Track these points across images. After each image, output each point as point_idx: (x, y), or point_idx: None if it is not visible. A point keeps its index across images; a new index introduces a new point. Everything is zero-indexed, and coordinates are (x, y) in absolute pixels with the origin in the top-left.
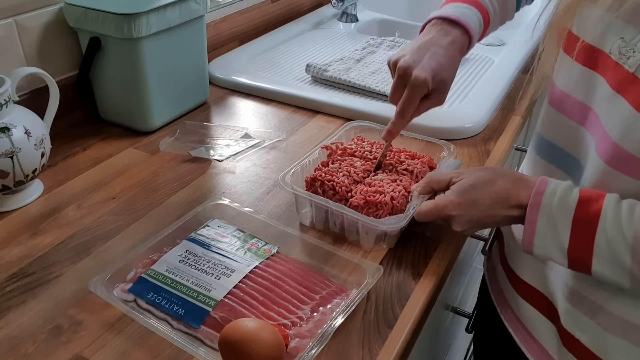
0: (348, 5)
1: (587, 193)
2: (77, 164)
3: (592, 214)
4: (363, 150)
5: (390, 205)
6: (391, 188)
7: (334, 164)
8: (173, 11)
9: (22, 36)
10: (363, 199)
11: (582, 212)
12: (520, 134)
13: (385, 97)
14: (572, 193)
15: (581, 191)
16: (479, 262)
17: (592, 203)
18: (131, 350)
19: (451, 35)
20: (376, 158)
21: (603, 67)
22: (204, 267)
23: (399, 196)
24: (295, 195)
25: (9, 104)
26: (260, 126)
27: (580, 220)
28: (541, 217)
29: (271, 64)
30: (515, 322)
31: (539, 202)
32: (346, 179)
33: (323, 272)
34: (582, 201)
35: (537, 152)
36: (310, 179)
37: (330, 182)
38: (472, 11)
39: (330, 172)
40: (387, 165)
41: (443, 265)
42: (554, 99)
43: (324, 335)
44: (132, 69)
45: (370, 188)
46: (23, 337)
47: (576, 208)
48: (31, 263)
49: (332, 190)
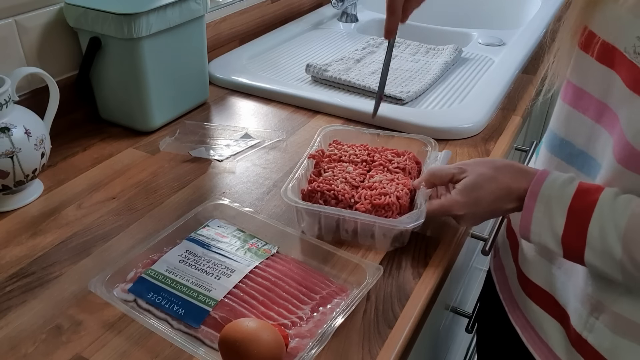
0: (348, 5)
1: (586, 185)
2: (77, 164)
3: (588, 204)
4: (348, 154)
5: (397, 205)
6: (393, 188)
7: (326, 172)
8: (173, 11)
9: (22, 36)
10: (369, 203)
11: (578, 202)
12: (520, 134)
13: (384, 97)
14: (572, 184)
15: (581, 183)
16: (479, 262)
17: (590, 194)
18: (131, 350)
19: None
20: (364, 161)
21: (619, 65)
22: (204, 267)
23: (403, 195)
24: (297, 209)
25: (9, 104)
26: (260, 126)
27: (576, 210)
28: (539, 205)
29: (271, 64)
30: (523, 321)
31: (538, 190)
32: (346, 186)
33: (323, 272)
34: (580, 191)
35: (550, 150)
36: (308, 191)
37: (331, 191)
38: None
39: (327, 181)
40: (378, 165)
41: (443, 265)
42: (568, 96)
43: (324, 335)
44: (132, 69)
45: (374, 191)
46: (23, 337)
47: (573, 197)
48: (31, 263)
49: (334, 199)
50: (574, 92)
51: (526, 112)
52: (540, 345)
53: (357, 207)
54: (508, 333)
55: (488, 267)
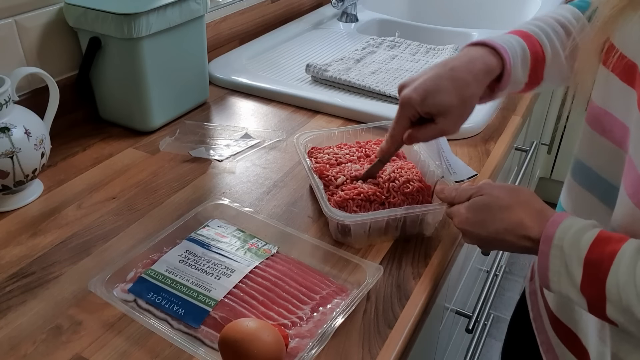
0: (348, 5)
1: (607, 233)
2: (77, 164)
3: (607, 256)
4: (337, 155)
5: (424, 188)
6: (406, 173)
7: (337, 179)
8: (173, 11)
9: (22, 36)
10: (401, 194)
11: (596, 252)
12: (520, 134)
13: (385, 97)
14: (590, 231)
15: (602, 231)
16: (479, 262)
17: (609, 244)
18: (131, 350)
19: (469, 56)
20: (360, 157)
21: (639, 83)
22: (204, 267)
23: (420, 177)
24: (342, 225)
25: (9, 104)
26: (260, 126)
27: (593, 261)
28: (554, 250)
29: (271, 64)
30: (552, 357)
31: (552, 233)
32: (369, 186)
33: (323, 272)
34: (599, 240)
35: (573, 176)
36: (338, 203)
37: (360, 194)
38: (513, 38)
39: (349, 187)
40: (375, 158)
41: (443, 265)
42: (590, 117)
43: (324, 335)
44: (132, 69)
45: (395, 183)
46: (23, 337)
47: (590, 246)
48: (31, 263)
49: (366, 201)
50: (596, 112)
51: (526, 112)
52: None
53: (393, 202)
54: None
55: (523, 289)
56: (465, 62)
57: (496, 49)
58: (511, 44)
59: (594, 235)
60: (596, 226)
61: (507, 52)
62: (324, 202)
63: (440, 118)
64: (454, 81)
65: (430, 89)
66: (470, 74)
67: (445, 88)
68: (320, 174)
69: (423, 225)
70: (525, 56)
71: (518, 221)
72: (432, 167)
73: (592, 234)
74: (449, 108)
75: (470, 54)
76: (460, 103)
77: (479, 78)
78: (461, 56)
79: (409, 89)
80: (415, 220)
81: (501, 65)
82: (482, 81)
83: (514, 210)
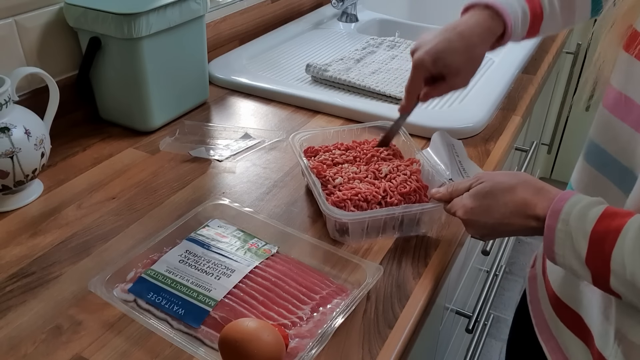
0: (348, 5)
1: (614, 209)
2: (77, 164)
3: (613, 229)
4: (334, 156)
5: (421, 187)
6: (403, 172)
7: (335, 179)
8: (173, 11)
9: (22, 36)
10: (398, 193)
11: (602, 226)
12: (520, 134)
13: (384, 97)
14: (597, 206)
15: (609, 207)
16: (479, 262)
17: (615, 218)
18: (131, 350)
19: (475, 18)
20: (356, 157)
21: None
22: (204, 267)
23: (417, 176)
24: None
25: (9, 104)
26: (260, 126)
27: (599, 234)
28: (560, 224)
29: (271, 64)
30: (553, 345)
31: (560, 208)
32: (366, 186)
33: (323, 272)
34: (606, 215)
35: (586, 159)
36: (336, 203)
37: (358, 194)
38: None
39: (346, 187)
40: (371, 157)
41: (443, 265)
42: (608, 101)
43: (324, 335)
44: (132, 69)
45: (392, 183)
46: (23, 337)
47: (597, 220)
48: (31, 263)
49: (363, 201)
50: (615, 96)
51: (526, 112)
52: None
53: (390, 202)
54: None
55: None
56: (471, 26)
57: (499, 12)
58: (513, 7)
59: (600, 210)
60: (603, 203)
61: (509, 15)
62: (322, 200)
63: (451, 76)
64: (463, 43)
65: (441, 51)
66: (477, 37)
67: (455, 50)
68: (318, 173)
69: (420, 224)
70: (525, 16)
71: (522, 201)
72: (440, 170)
73: (598, 210)
74: (458, 68)
75: (476, 18)
76: (469, 63)
77: (484, 39)
78: (467, 19)
79: (420, 51)
80: (413, 220)
81: (503, 27)
82: (486, 41)
83: (516, 191)
